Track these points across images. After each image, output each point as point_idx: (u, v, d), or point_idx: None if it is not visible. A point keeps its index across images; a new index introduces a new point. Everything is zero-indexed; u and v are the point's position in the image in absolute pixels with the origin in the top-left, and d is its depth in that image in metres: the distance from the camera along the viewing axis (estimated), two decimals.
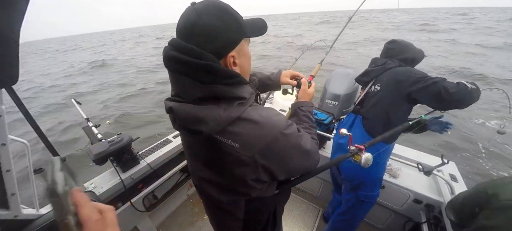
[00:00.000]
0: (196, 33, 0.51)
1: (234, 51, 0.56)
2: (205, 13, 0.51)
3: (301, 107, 0.86)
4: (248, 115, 0.56)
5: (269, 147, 0.55)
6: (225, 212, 0.76)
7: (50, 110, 7.39)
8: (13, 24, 0.50)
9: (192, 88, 0.54)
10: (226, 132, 0.55)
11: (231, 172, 0.60)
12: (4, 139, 0.66)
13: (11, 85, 0.60)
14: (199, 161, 0.69)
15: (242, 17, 0.57)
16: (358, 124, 1.35)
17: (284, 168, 0.62)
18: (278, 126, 0.56)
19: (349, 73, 2.93)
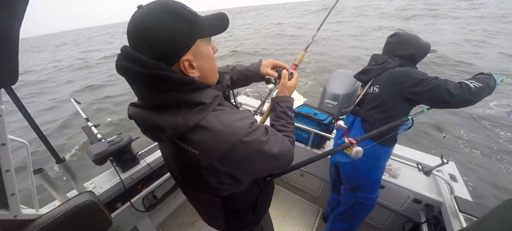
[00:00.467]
0: (143, 40, 0.49)
1: (189, 54, 0.53)
2: (151, 17, 0.48)
3: (280, 103, 0.83)
4: (207, 122, 0.54)
5: (227, 155, 0.54)
6: (206, 205, 0.80)
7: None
8: (12, 24, 0.50)
9: (149, 96, 0.53)
10: (186, 139, 0.55)
11: (196, 174, 0.61)
12: (4, 139, 0.66)
13: (10, 85, 0.60)
14: (171, 162, 0.71)
15: (197, 16, 0.54)
16: (357, 126, 1.34)
17: (247, 173, 0.63)
18: (237, 134, 0.54)
19: (348, 73, 2.93)
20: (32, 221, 0.90)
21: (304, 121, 1.87)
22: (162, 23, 0.48)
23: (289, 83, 0.86)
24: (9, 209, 0.77)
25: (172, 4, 0.51)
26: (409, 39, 1.23)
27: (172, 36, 0.49)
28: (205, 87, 0.57)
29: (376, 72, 1.25)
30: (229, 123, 0.55)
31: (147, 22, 0.48)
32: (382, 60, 1.25)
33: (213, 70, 0.63)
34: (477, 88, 1.04)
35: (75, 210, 1.02)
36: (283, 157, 0.66)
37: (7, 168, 0.70)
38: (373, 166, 1.31)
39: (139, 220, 1.65)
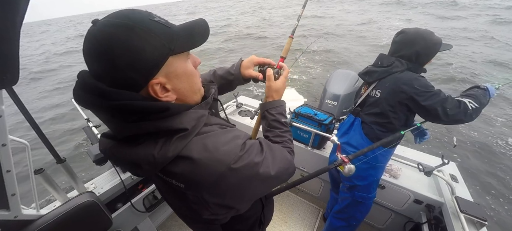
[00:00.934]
0: (99, 64, 0.40)
1: (159, 76, 0.44)
2: (106, 35, 0.39)
3: (269, 110, 0.72)
4: (189, 151, 0.46)
5: (216, 186, 0.47)
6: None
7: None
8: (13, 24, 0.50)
9: (118, 128, 0.45)
10: (168, 172, 0.48)
11: (187, 206, 0.56)
12: (5, 139, 0.66)
13: (11, 86, 0.60)
14: (163, 192, 0.66)
15: (167, 27, 0.44)
16: (357, 126, 1.34)
17: (242, 200, 0.57)
18: (225, 162, 0.46)
19: (349, 74, 2.93)
20: (32, 222, 0.90)
21: (305, 121, 1.86)
22: (121, 42, 0.38)
23: (277, 84, 0.73)
24: (9, 210, 0.77)
25: (134, 16, 0.41)
26: (416, 36, 1.13)
27: (134, 57, 0.39)
28: (185, 110, 0.48)
29: (380, 74, 1.20)
30: (216, 149, 0.47)
31: (102, 42, 0.39)
32: (388, 62, 1.19)
33: (194, 88, 0.53)
34: (473, 110, 1.05)
35: (75, 211, 1.02)
36: (283, 174, 0.58)
37: (8, 169, 0.70)
38: (371, 167, 1.31)
39: (139, 221, 1.65)
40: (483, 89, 1.13)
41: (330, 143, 1.96)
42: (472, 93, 1.11)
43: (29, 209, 0.89)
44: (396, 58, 1.18)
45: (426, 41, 1.12)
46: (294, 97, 3.65)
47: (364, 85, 1.38)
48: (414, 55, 1.14)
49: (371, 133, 1.26)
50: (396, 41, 1.20)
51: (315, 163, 1.96)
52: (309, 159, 1.97)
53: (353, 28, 13.73)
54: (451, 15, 14.78)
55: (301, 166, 2.08)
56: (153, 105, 0.43)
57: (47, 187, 1.05)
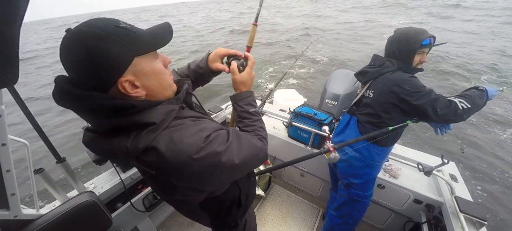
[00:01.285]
0: (71, 68, 0.46)
1: (127, 74, 0.48)
2: (76, 42, 0.44)
3: (238, 102, 0.75)
4: (157, 143, 0.51)
5: (181, 173, 0.53)
6: (187, 210, 0.84)
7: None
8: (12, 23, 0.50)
9: (94, 123, 0.52)
10: (141, 161, 0.54)
11: (161, 189, 0.64)
12: (4, 139, 0.66)
13: (11, 85, 0.60)
14: (141, 173, 0.72)
15: (132, 31, 0.49)
16: (353, 125, 1.35)
17: (209, 184, 0.62)
18: (187, 152, 0.51)
19: (349, 73, 2.93)
20: (32, 221, 0.90)
21: (305, 121, 1.86)
22: (88, 48, 0.44)
23: (242, 76, 0.75)
24: (9, 209, 0.77)
25: (99, 24, 0.46)
26: (400, 35, 1.15)
27: (100, 59, 0.45)
28: (152, 106, 0.53)
29: (373, 75, 1.23)
30: (180, 141, 0.52)
31: (72, 48, 0.45)
32: (379, 62, 1.22)
33: (164, 85, 0.58)
34: (464, 110, 1.05)
35: (75, 210, 1.02)
36: (250, 160, 0.63)
37: (8, 168, 0.70)
38: (367, 165, 1.32)
39: (139, 220, 1.65)
40: (481, 91, 1.13)
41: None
42: (467, 94, 1.12)
43: (29, 209, 0.89)
44: (387, 59, 1.20)
45: (407, 37, 1.13)
46: (294, 97, 3.65)
47: (361, 85, 1.40)
48: (397, 52, 1.16)
49: (365, 132, 1.28)
50: (387, 41, 1.24)
51: (315, 163, 1.96)
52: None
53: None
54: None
55: (301, 166, 2.08)
56: (120, 104, 0.48)
57: (47, 187, 1.04)
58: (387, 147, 1.30)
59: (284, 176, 2.35)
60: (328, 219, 1.67)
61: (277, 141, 2.09)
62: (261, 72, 8.16)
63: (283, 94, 3.74)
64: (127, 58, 0.48)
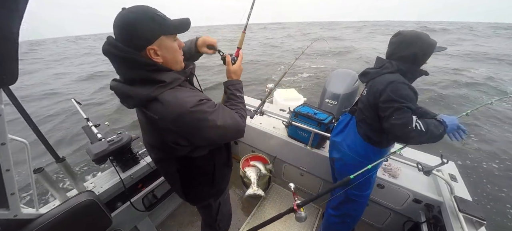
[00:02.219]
0: (121, 32, 0.67)
1: (154, 45, 0.70)
2: (128, 16, 0.66)
3: (229, 86, 0.96)
4: (164, 95, 0.71)
5: (178, 119, 0.71)
6: (165, 168, 0.96)
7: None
8: (12, 23, 0.50)
9: (123, 72, 0.72)
10: (149, 107, 0.73)
11: (157, 134, 0.80)
12: (4, 138, 0.66)
13: (10, 85, 0.60)
14: (142, 128, 0.90)
15: (164, 19, 0.71)
16: (352, 125, 1.36)
17: (197, 136, 0.78)
18: (185, 105, 0.71)
19: (349, 73, 2.93)
20: (32, 221, 0.90)
21: (304, 121, 1.86)
22: (134, 21, 0.66)
23: (234, 67, 0.97)
24: (9, 209, 0.77)
25: (145, 9, 0.68)
26: (412, 37, 1.12)
27: (140, 30, 0.67)
28: (165, 70, 0.74)
29: (372, 75, 1.22)
30: (181, 97, 0.72)
31: (125, 19, 0.66)
32: (380, 64, 1.20)
33: (176, 59, 0.79)
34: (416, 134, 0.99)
35: (75, 210, 1.02)
36: (230, 127, 0.81)
37: (7, 168, 0.70)
38: (363, 165, 1.31)
39: (139, 220, 1.65)
40: (439, 122, 1.09)
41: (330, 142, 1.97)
42: (431, 121, 1.06)
43: (28, 208, 0.89)
44: (388, 60, 1.18)
45: (423, 41, 1.11)
46: (294, 97, 3.65)
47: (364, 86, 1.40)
48: (412, 56, 1.12)
49: (361, 131, 1.28)
50: (392, 42, 1.18)
51: (315, 163, 1.97)
52: (308, 158, 1.98)
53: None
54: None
55: (301, 165, 2.08)
56: (146, 60, 0.70)
57: (46, 186, 1.05)
58: (383, 148, 1.29)
59: (283, 176, 2.35)
60: (326, 218, 1.68)
61: (277, 141, 2.09)
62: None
63: (283, 93, 3.74)
64: (156, 34, 0.70)
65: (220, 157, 1.00)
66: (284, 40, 25.05)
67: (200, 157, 0.90)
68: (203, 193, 1.04)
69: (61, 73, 12.99)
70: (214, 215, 1.20)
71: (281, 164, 2.25)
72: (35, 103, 7.59)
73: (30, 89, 9.41)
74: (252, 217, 2.06)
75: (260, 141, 2.26)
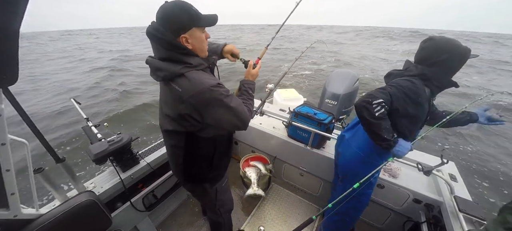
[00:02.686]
0: (163, 20, 0.83)
1: (186, 34, 0.86)
2: (170, 9, 0.83)
3: (244, 84, 1.13)
4: (190, 74, 0.86)
5: (198, 94, 0.84)
6: (171, 139, 1.05)
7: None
8: (12, 23, 0.50)
9: (159, 51, 0.87)
10: (175, 81, 0.86)
11: (175, 106, 0.91)
12: (4, 138, 0.66)
13: (10, 85, 0.60)
14: (163, 100, 1.00)
15: (197, 13, 0.86)
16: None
17: (210, 114, 0.89)
18: (206, 84, 0.85)
19: (348, 73, 2.93)
20: (32, 221, 0.90)
21: (304, 121, 1.87)
22: (174, 13, 0.83)
23: (253, 71, 1.16)
24: (9, 209, 0.77)
25: (184, 5, 0.84)
26: (446, 42, 1.07)
27: (178, 21, 0.84)
28: (193, 55, 0.90)
29: (395, 76, 1.21)
30: (203, 78, 0.87)
31: (168, 11, 0.83)
32: (405, 66, 1.19)
33: (202, 48, 0.94)
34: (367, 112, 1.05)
35: (75, 210, 1.02)
36: (239, 113, 0.93)
37: (7, 168, 0.70)
38: (363, 161, 1.32)
39: (139, 220, 1.65)
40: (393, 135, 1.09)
41: (330, 143, 1.97)
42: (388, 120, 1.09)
43: (28, 208, 0.89)
44: (414, 64, 1.15)
45: (458, 47, 1.05)
46: (294, 97, 3.65)
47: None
48: (446, 63, 1.06)
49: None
50: (424, 47, 1.12)
51: (315, 163, 1.97)
52: (308, 158, 1.98)
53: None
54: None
55: (301, 165, 2.08)
56: (180, 44, 0.86)
57: (46, 186, 1.04)
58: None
59: (283, 176, 2.35)
60: (326, 217, 1.68)
61: (277, 141, 2.09)
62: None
63: (283, 94, 3.74)
64: (189, 25, 0.86)
65: (221, 144, 1.11)
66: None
67: (205, 139, 1.02)
68: (200, 174, 1.14)
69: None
70: (213, 200, 1.29)
71: (281, 164, 2.25)
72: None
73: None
74: (253, 217, 2.06)
75: (260, 141, 2.26)
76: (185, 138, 1.00)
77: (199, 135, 0.99)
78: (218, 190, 1.27)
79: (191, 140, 1.00)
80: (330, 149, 1.90)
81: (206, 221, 2.03)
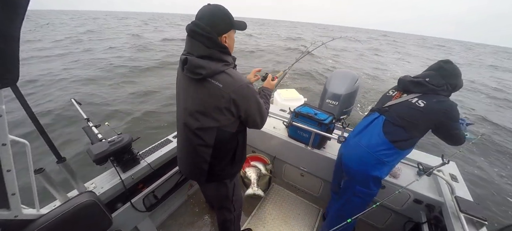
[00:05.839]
0: (210, 20, 0.92)
1: (226, 34, 0.98)
2: (216, 11, 0.94)
3: (264, 90, 1.27)
4: (229, 71, 0.96)
5: (239, 89, 0.95)
6: (200, 139, 1.07)
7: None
8: (13, 23, 0.50)
9: (200, 48, 0.93)
10: (215, 78, 0.94)
11: (213, 102, 0.97)
12: (5, 139, 0.66)
13: (11, 85, 0.60)
14: (191, 98, 1.03)
15: (233, 18, 0.99)
16: (378, 124, 1.36)
17: (245, 107, 1.00)
18: (245, 80, 0.97)
19: (349, 73, 2.93)
20: (33, 221, 0.90)
21: (305, 121, 1.86)
22: (219, 15, 0.94)
23: (272, 82, 1.33)
24: (10, 209, 0.77)
25: (225, 8, 0.96)
26: (459, 71, 1.30)
27: (223, 22, 0.96)
28: (229, 54, 1.02)
29: (428, 90, 1.27)
30: (241, 75, 0.99)
31: (213, 12, 0.94)
32: (438, 83, 1.26)
33: (232, 49, 1.06)
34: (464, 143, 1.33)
35: (75, 210, 1.02)
36: (262, 111, 1.08)
37: (8, 168, 0.70)
38: (377, 162, 1.32)
39: (139, 220, 1.65)
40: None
41: (330, 143, 1.97)
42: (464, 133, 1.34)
43: (29, 209, 0.89)
44: (445, 83, 1.26)
45: (461, 78, 1.31)
46: (294, 97, 3.65)
47: (397, 91, 1.42)
48: (454, 85, 1.29)
49: (391, 132, 1.29)
50: (445, 67, 1.29)
51: (315, 163, 1.96)
52: (308, 158, 1.98)
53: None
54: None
55: (301, 165, 2.08)
56: (221, 43, 0.97)
57: (47, 187, 1.05)
58: (402, 150, 1.30)
59: (284, 176, 2.35)
60: (328, 219, 1.68)
61: (277, 141, 2.09)
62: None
63: (283, 94, 3.74)
64: (229, 28, 0.99)
65: (242, 138, 1.20)
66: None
67: (231, 133, 1.09)
68: (224, 170, 1.21)
69: None
70: (231, 196, 1.35)
71: (281, 165, 2.25)
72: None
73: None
74: (253, 217, 2.06)
75: (261, 141, 2.26)
76: (216, 133, 1.05)
77: (227, 130, 1.07)
78: (235, 184, 1.36)
79: (220, 135, 1.06)
80: (331, 150, 1.90)
81: (206, 222, 2.03)
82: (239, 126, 1.11)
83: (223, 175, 1.23)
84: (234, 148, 1.16)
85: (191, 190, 2.24)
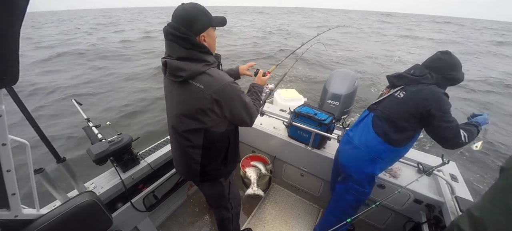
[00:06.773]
0: (183, 20, 0.89)
1: (204, 33, 0.94)
2: (190, 11, 0.90)
3: (254, 86, 1.24)
4: (210, 71, 0.93)
5: (220, 90, 0.93)
6: (188, 141, 1.06)
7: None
8: (13, 23, 0.50)
9: (178, 50, 0.91)
10: (196, 79, 0.92)
11: (196, 104, 0.95)
12: (5, 139, 0.66)
13: (11, 85, 0.60)
14: (175, 101, 1.02)
15: (210, 15, 0.96)
16: (368, 120, 1.39)
17: (229, 107, 0.98)
18: (227, 80, 0.95)
19: (348, 73, 2.93)
20: (33, 221, 0.90)
21: (305, 121, 1.86)
22: (194, 14, 0.90)
23: (263, 78, 1.29)
24: (10, 209, 0.77)
25: (200, 6, 0.92)
26: (458, 63, 1.23)
27: (199, 21, 0.91)
28: (210, 53, 0.98)
29: (410, 81, 1.26)
30: (223, 75, 0.96)
31: (188, 12, 0.90)
32: (420, 73, 1.24)
33: (213, 47, 1.02)
34: (464, 142, 1.16)
35: (75, 210, 1.02)
36: (249, 109, 1.04)
37: (8, 168, 0.70)
38: (371, 159, 1.34)
39: (139, 220, 1.65)
40: (476, 128, 1.23)
41: (330, 143, 1.96)
42: (470, 129, 1.20)
43: (29, 209, 0.89)
44: (428, 72, 1.22)
45: (460, 71, 1.24)
46: (294, 97, 3.65)
47: (387, 87, 1.43)
48: (454, 77, 1.22)
49: (379, 127, 1.31)
50: (442, 59, 1.23)
51: (315, 163, 1.96)
52: (309, 158, 1.98)
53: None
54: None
55: (301, 165, 2.08)
56: (200, 43, 0.94)
57: (47, 187, 1.05)
58: (397, 148, 1.30)
59: (284, 176, 2.35)
60: (324, 217, 1.69)
61: (277, 141, 2.09)
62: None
63: (283, 94, 3.74)
64: (206, 26, 0.94)
65: (232, 137, 1.18)
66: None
67: (219, 133, 1.07)
68: (217, 170, 1.19)
69: None
70: (227, 194, 1.34)
71: (281, 165, 2.25)
72: None
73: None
74: (253, 217, 2.06)
75: (261, 141, 2.26)
76: (203, 135, 1.04)
77: (215, 131, 1.05)
78: (230, 182, 1.35)
79: (208, 136, 1.05)
80: (331, 150, 1.90)
81: (206, 222, 2.03)
82: (229, 125, 1.09)
83: (217, 175, 1.22)
84: (225, 147, 1.14)
85: (191, 190, 2.24)
